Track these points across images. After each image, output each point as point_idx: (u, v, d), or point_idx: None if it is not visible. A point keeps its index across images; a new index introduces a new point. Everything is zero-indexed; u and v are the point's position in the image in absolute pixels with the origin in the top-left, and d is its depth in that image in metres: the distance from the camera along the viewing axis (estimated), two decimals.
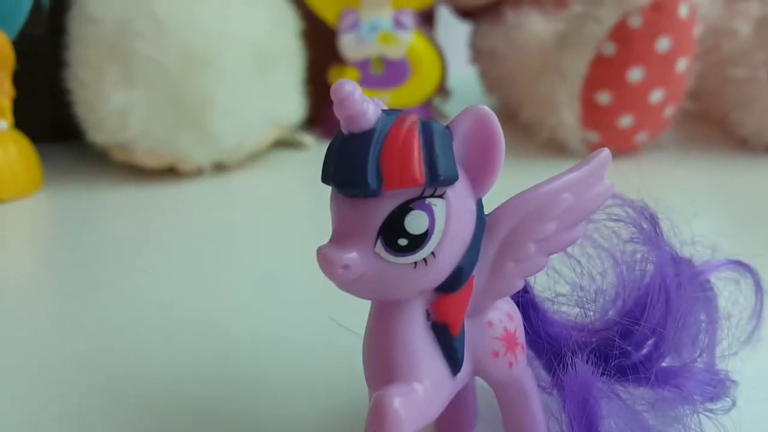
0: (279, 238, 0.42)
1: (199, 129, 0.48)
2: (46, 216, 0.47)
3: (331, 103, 0.57)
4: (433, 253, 0.17)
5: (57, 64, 0.50)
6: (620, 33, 0.48)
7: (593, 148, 0.52)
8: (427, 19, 0.62)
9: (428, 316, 0.18)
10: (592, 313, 0.22)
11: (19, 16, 0.48)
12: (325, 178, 0.17)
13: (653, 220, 0.21)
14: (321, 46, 0.57)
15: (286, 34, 0.53)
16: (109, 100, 0.47)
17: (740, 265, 0.22)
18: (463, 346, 0.19)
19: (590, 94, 0.50)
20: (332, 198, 0.17)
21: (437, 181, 0.16)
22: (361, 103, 0.16)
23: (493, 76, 0.63)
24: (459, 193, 0.17)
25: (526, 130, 0.57)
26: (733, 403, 0.21)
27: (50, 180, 0.50)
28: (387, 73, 0.58)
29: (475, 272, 0.18)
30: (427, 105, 0.60)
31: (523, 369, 0.20)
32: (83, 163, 0.54)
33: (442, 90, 0.61)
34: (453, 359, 0.18)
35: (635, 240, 0.21)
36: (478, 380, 0.23)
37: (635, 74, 0.49)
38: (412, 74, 0.58)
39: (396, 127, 0.16)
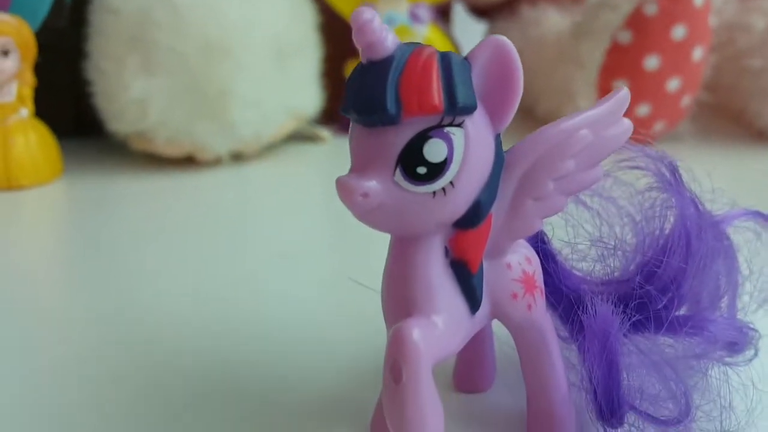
0: (294, 227, 0.42)
1: (218, 118, 0.49)
2: (66, 203, 0.47)
3: None
4: (451, 182, 0.17)
5: (79, 57, 0.51)
6: (636, 21, 0.48)
7: None
8: (443, 14, 0.63)
9: (447, 253, 0.18)
10: (611, 265, 0.21)
11: (42, 7, 0.49)
12: (346, 108, 0.17)
13: (673, 168, 0.21)
14: (337, 40, 0.58)
15: (305, 26, 0.54)
16: (129, 89, 0.48)
17: (761, 215, 0.22)
18: (482, 285, 0.18)
19: (607, 82, 0.50)
20: (351, 131, 0.18)
21: (456, 109, 0.16)
22: (380, 30, 0.16)
23: None
24: (477, 124, 0.17)
25: (543, 123, 0.57)
26: (756, 353, 0.21)
27: (70, 169, 0.51)
28: None
29: (494, 210, 0.18)
30: None
31: (542, 313, 0.20)
32: (103, 153, 0.55)
33: None
34: (472, 297, 0.18)
35: (655, 188, 0.21)
36: (497, 335, 0.23)
37: (651, 62, 0.49)
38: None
39: (415, 55, 0.16)
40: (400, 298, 0.18)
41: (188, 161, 0.51)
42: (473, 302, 0.18)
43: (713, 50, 0.52)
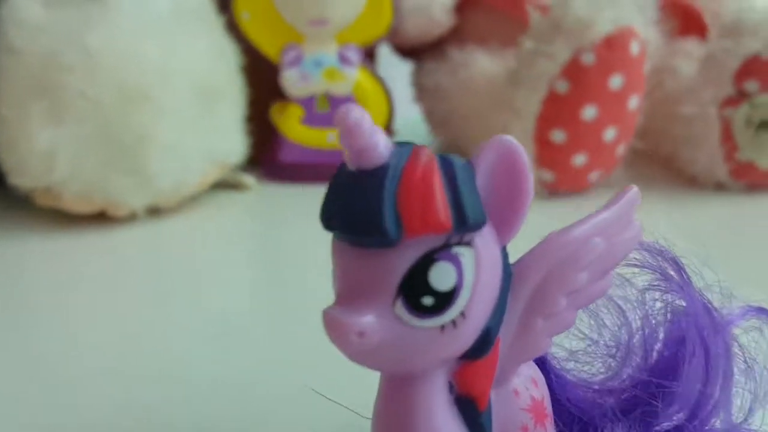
0: (218, 285, 0.38)
1: (135, 170, 0.45)
2: None
3: (272, 142, 0.54)
4: (462, 312, 0.14)
5: None
6: (573, 70, 0.47)
7: (548, 187, 0.51)
8: (369, 55, 0.61)
9: (451, 388, 0.15)
10: (616, 370, 0.19)
11: None
12: (329, 224, 0.14)
13: (678, 265, 0.19)
14: (263, 83, 0.55)
15: (228, 68, 0.51)
16: (33, 139, 0.43)
17: (763, 312, 0.20)
18: (491, 423, 0.16)
19: (544, 132, 0.49)
20: (335, 248, 0.15)
21: (466, 225, 0.14)
22: (372, 134, 0.14)
23: (440, 114, 0.62)
24: (486, 239, 0.14)
25: None
26: None
27: None
28: (333, 110, 0.56)
29: (500, 334, 0.16)
30: None
31: None
32: (4, 208, 0.49)
33: (388, 130, 0.59)
34: None
35: (661, 288, 0.19)
36: None
37: (589, 112, 0.48)
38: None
39: (412, 161, 0.14)
40: None
41: (100, 217, 0.46)
42: None
43: (645, 95, 0.52)
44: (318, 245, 0.43)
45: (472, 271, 0.14)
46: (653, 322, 0.19)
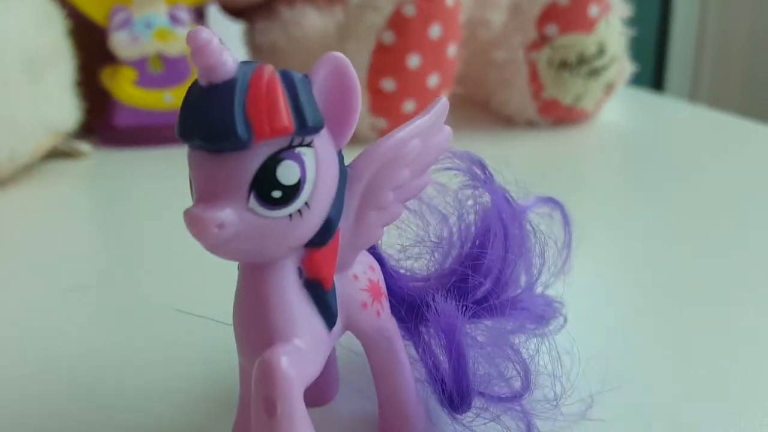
0: (75, 255, 0.38)
1: None
2: None
3: (106, 107, 0.54)
4: (306, 203, 0.17)
5: None
6: (397, 21, 0.51)
7: (382, 134, 0.54)
8: (198, 16, 0.61)
9: (300, 273, 0.18)
10: (436, 260, 0.23)
11: None
12: (186, 134, 0.16)
13: (482, 166, 0.22)
14: (92, 47, 0.54)
15: (56, 34, 0.49)
16: None
17: (552, 201, 0.25)
18: (336, 300, 0.19)
19: (376, 82, 0.52)
20: (191, 157, 0.17)
21: (306, 129, 0.16)
22: (220, 52, 0.16)
23: None
24: (324, 142, 0.17)
25: None
26: (565, 321, 0.24)
27: None
28: (167, 71, 0.56)
29: (340, 225, 0.18)
30: None
31: (388, 316, 0.20)
32: None
33: None
34: (328, 314, 0.18)
35: (470, 185, 0.22)
36: (340, 345, 0.23)
37: (414, 61, 0.52)
38: (194, 72, 0.57)
39: (257, 75, 0.16)
40: (259, 327, 0.18)
41: None
42: (330, 318, 0.19)
43: (460, 46, 0.56)
44: (161, 206, 0.44)
45: (314, 168, 0.17)
46: (467, 216, 0.22)
